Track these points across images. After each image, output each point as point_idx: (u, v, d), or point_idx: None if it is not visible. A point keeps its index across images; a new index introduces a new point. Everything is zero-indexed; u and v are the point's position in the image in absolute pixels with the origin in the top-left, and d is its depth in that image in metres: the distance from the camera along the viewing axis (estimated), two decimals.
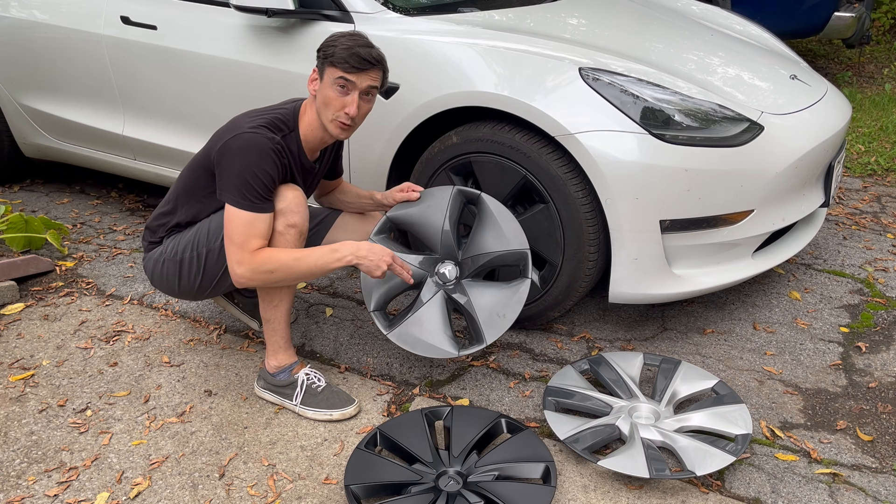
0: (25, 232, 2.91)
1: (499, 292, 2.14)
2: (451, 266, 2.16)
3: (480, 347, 2.09)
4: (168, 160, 3.06)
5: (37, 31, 3.18)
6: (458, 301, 2.14)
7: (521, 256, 2.15)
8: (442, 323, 2.11)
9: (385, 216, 2.22)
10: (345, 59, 1.88)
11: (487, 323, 2.10)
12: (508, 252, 2.15)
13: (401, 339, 2.09)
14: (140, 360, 2.35)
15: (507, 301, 2.11)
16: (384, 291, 2.16)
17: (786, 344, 2.44)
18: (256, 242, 1.89)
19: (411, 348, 2.08)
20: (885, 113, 5.05)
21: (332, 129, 1.96)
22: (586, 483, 1.84)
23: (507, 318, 2.10)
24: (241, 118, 1.97)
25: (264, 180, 1.88)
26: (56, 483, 1.84)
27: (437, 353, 2.07)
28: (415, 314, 2.12)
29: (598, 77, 2.18)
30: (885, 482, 1.84)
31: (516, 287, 2.13)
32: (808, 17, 5.47)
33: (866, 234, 3.28)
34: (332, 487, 1.83)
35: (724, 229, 2.26)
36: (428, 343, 2.09)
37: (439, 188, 2.21)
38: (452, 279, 2.15)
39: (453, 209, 2.19)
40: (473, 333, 2.13)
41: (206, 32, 2.76)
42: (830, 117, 2.55)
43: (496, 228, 2.17)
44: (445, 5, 2.71)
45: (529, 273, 2.13)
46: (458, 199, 2.20)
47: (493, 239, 2.17)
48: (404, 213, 2.22)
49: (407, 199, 2.21)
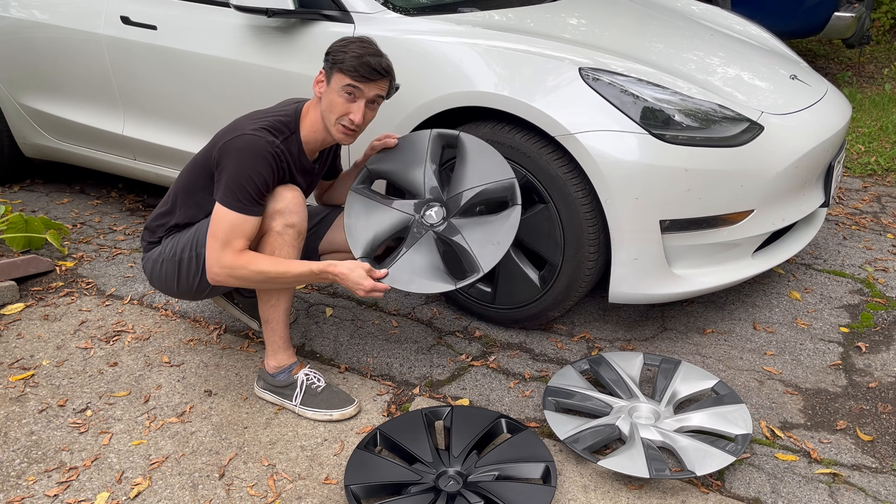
0: (25, 232, 2.91)
1: (490, 223, 2.07)
2: (438, 207, 2.10)
3: (478, 276, 2.02)
4: (168, 160, 3.06)
5: (37, 31, 3.18)
6: (449, 239, 2.07)
7: (507, 187, 2.09)
8: (433, 260, 2.04)
9: (365, 167, 2.17)
10: (355, 67, 1.87)
11: (481, 252, 2.03)
12: (493, 183, 2.09)
13: (393, 279, 2.00)
14: (140, 360, 2.35)
15: (498, 229, 2.05)
16: (371, 238, 2.08)
17: (786, 344, 2.44)
18: (240, 243, 1.89)
19: (405, 287, 1.99)
20: (885, 113, 5.05)
21: (335, 133, 1.96)
22: (586, 483, 1.84)
23: (502, 245, 2.03)
24: (244, 119, 1.97)
25: (258, 183, 1.88)
26: (56, 483, 1.84)
27: (433, 289, 2.00)
28: (405, 254, 2.05)
29: (598, 77, 2.18)
30: (885, 482, 1.84)
31: (507, 214, 2.07)
32: (808, 17, 5.46)
33: (866, 234, 3.28)
34: (332, 487, 1.83)
35: (724, 229, 2.26)
36: (422, 280, 2.01)
37: (417, 133, 2.17)
38: (440, 220, 2.09)
39: (434, 153, 2.15)
40: (468, 266, 2.05)
41: (207, 32, 2.76)
42: (830, 117, 2.55)
43: (478, 163, 2.11)
44: (445, 5, 2.71)
45: (518, 200, 2.07)
46: (437, 142, 2.15)
47: (476, 174, 2.11)
48: (385, 164, 2.17)
49: (385, 146, 2.16)
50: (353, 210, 2.11)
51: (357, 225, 2.09)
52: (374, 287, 1.89)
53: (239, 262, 1.89)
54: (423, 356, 2.38)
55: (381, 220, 2.10)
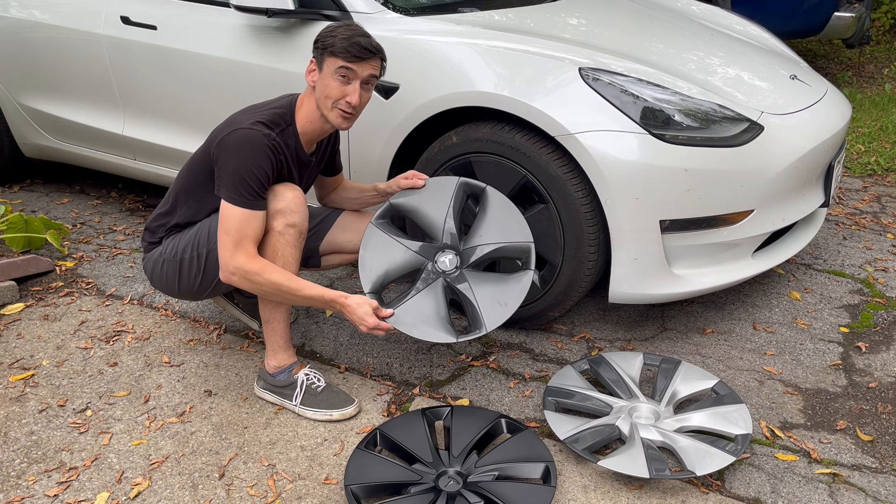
0: (25, 232, 2.91)
1: (500, 282, 2.10)
2: (452, 255, 2.13)
3: (480, 334, 2.04)
4: (168, 160, 3.06)
5: (37, 31, 3.18)
6: (458, 288, 2.10)
7: (524, 249, 2.12)
8: (440, 308, 2.07)
9: (388, 202, 2.20)
10: (346, 48, 1.88)
11: (488, 310, 2.06)
12: (512, 244, 2.12)
13: (398, 321, 2.03)
14: (140, 360, 2.35)
15: (508, 290, 2.08)
16: (382, 274, 2.11)
17: (786, 344, 2.44)
18: (250, 245, 1.90)
19: (408, 331, 2.02)
20: (885, 113, 5.05)
21: (333, 118, 1.96)
22: (586, 483, 1.84)
23: (509, 307, 2.05)
24: (239, 115, 1.97)
25: (259, 177, 1.88)
26: (56, 483, 1.84)
27: (435, 338, 2.02)
28: (413, 298, 2.07)
29: (598, 77, 2.18)
30: (885, 482, 1.84)
31: (519, 278, 2.10)
32: (808, 17, 5.46)
33: (866, 234, 3.28)
34: (332, 487, 1.83)
35: (724, 229, 2.26)
36: (426, 327, 2.04)
37: (444, 178, 2.20)
38: (452, 268, 2.11)
39: (457, 200, 2.17)
40: (472, 321, 2.08)
41: (206, 32, 2.76)
42: (830, 117, 2.55)
43: (500, 220, 2.14)
44: (445, 5, 2.71)
45: (532, 265, 2.10)
46: (462, 190, 2.18)
47: (496, 230, 2.14)
48: (408, 201, 2.19)
49: (412, 185, 2.19)
50: (369, 243, 2.13)
51: (371, 259, 2.12)
52: (377, 325, 1.91)
53: (253, 267, 1.89)
54: (423, 356, 2.38)
55: (396, 258, 2.12)
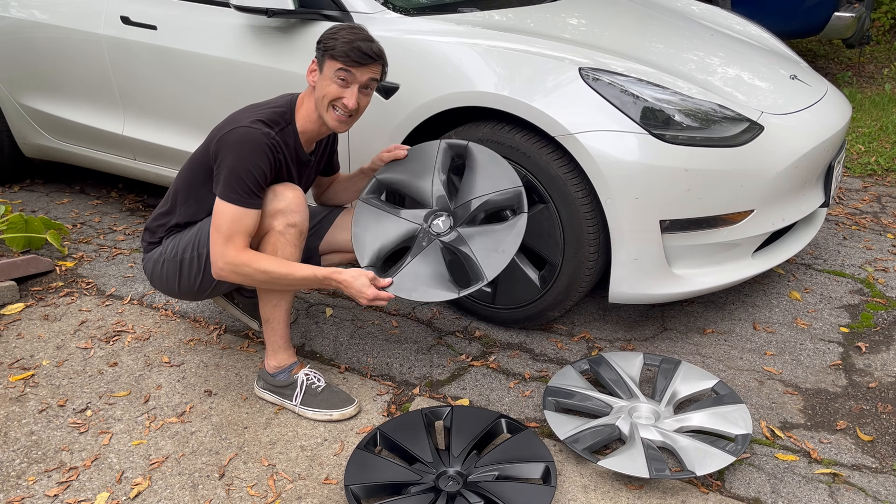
0: (25, 232, 2.91)
1: (495, 231, 2.08)
2: (445, 217, 2.11)
3: (481, 284, 2.02)
4: (168, 160, 3.06)
5: (37, 31, 3.18)
6: (455, 247, 2.08)
7: (514, 195, 2.10)
8: (438, 269, 2.05)
9: (374, 178, 2.19)
10: (346, 52, 1.88)
11: (485, 260, 2.04)
12: (500, 192, 2.10)
13: (398, 288, 2.01)
14: (140, 360, 2.35)
15: (504, 237, 2.06)
16: (377, 248, 2.10)
17: (786, 344, 2.44)
18: (241, 239, 1.90)
19: (408, 295, 2.00)
20: (885, 113, 5.05)
21: (330, 121, 1.97)
22: (586, 483, 1.84)
23: (507, 253, 2.03)
24: (239, 113, 1.97)
25: (256, 175, 1.88)
26: (56, 483, 1.84)
27: (436, 297, 2.00)
28: (410, 264, 2.06)
29: (598, 77, 2.18)
30: (885, 482, 1.84)
31: (513, 223, 2.07)
32: (808, 17, 5.46)
33: (866, 234, 3.28)
34: (332, 487, 1.83)
35: (724, 229, 2.26)
36: (426, 288, 2.02)
37: (427, 143, 2.18)
38: (446, 229, 2.10)
39: (443, 163, 2.16)
40: (472, 274, 2.06)
41: (206, 32, 2.76)
42: (830, 117, 2.55)
43: (486, 172, 2.12)
44: (445, 5, 2.71)
45: (525, 208, 2.08)
46: (446, 152, 2.17)
47: (483, 183, 2.12)
48: (394, 174, 2.18)
49: (394, 157, 2.17)
50: (360, 219, 2.12)
51: (364, 234, 2.11)
52: (377, 296, 1.88)
53: (242, 259, 1.89)
54: (423, 356, 2.38)
55: (389, 229, 2.11)
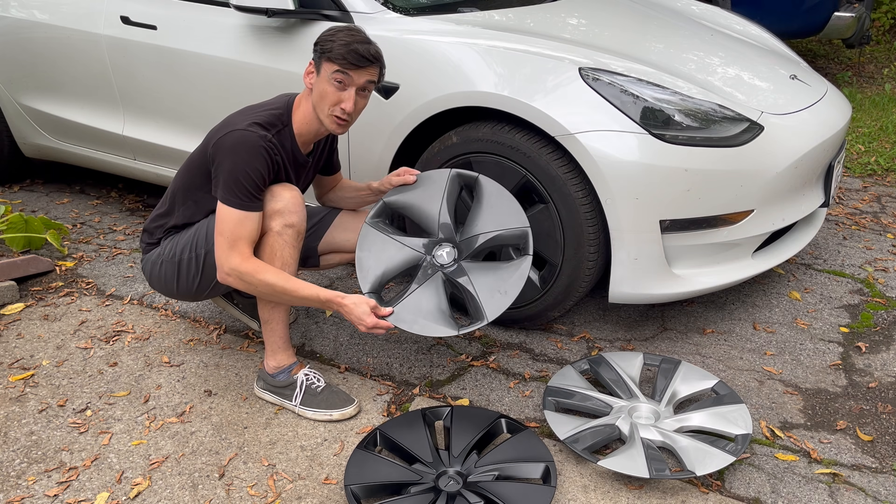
0: (25, 232, 2.91)
1: (499, 270, 2.08)
2: (449, 248, 2.11)
3: (481, 324, 2.02)
4: (168, 160, 3.06)
5: (37, 31, 3.18)
6: (457, 281, 2.08)
7: (521, 235, 2.09)
8: (440, 302, 2.05)
9: (382, 201, 2.19)
10: (343, 55, 1.87)
11: (488, 300, 2.03)
12: (508, 231, 2.10)
13: (398, 319, 2.01)
14: (140, 360, 2.35)
15: (507, 278, 2.05)
16: (380, 273, 2.10)
17: (786, 344, 2.44)
18: (246, 246, 1.90)
19: (408, 327, 2.00)
20: (885, 113, 5.05)
21: (327, 123, 1.96)
22: (586, 483, 1.84)
23: (509, 295, 2.03)
24: (235, 116, 1.97)
25: (255, 178, 1.88)
26: (56, 483, 1.84)
27: (436, 332, 2.00)
28: (412, 294, 2.06)
29: (598, 77, 2.18)
30: (885, 482, 1.84)
31: (517, 264, 2.07)
32: (808, 17, 5.46)
33: (866, 234, 3.28)
34: (332, 487, 1.83)
35: (724, 229, 2.26)
36: (426, 322, 2.01)
37: (436, 171, 2.18)
38: (450, 261, 2.09)
39: (451, 192, 2.15)
40: (473, 312, 2.05)
41: (206, 32, 2.76)
42: (830, 117, 2.55)
43: (494, 208, 2.12)
44: (445, 5, 2.71)
45: (530, 250, 2.08)
46: (455, 182, 2.17)
47: (491, 219, 2.12)
48: (401, 198, 2.18)
49: (404, 182, 2.16)
50: (365, 243, 2.12)
51: (368, 259, 2.10)
52: (376, 324, 1.89)
53: (247, 267, 1.89)
54: (423, 356, 2.38)
55: (393, 256, 2.10)
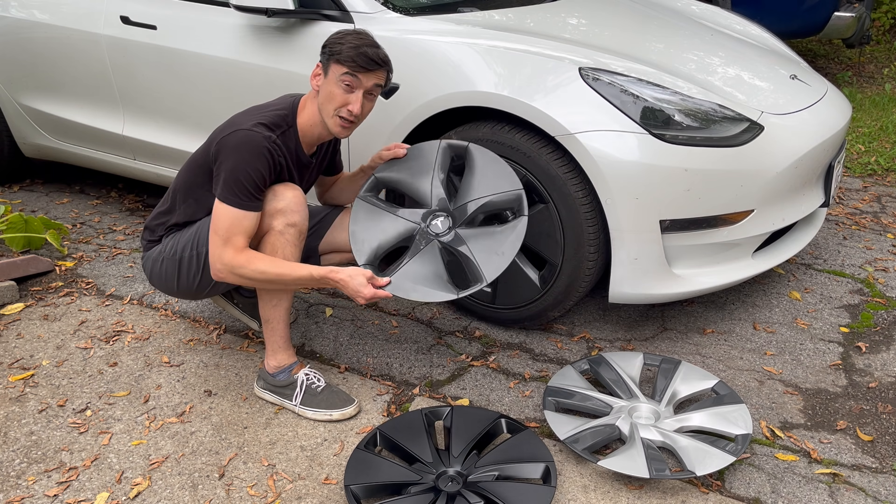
0: (25, 232, 2.91)
1: (495, 233, 2.06)
2: (444, 217, 2.10)
3: (481, 285, 2.00)
4: (168, 160, 3.06)
5: (37, 31, 3.18)
6: (454, 248, 2.06)
7: (515, 198, 2.08)
8: (437, 269, 2.03)
9: (373, 175, 2.18)
10: (352, 57, 1.88)
11: (485, 262, 2.02)
12: (501, 195, 2.08)
13: (396, 287, 1.99)
14: (140, 360, 2.35)
15: (504, 239, 2.04)
16: (375, 246, 2.08)
17: (786, 344, 2.44)
18: (240, 240, 1.89)
19: (407, 295, 1.98)
20: (885, 113, 5.05)
21: (333, 126, 1.96)
22: (586, 483, 1.84)
23: (507, 255, 2.01)
24: (240, 115, 1.97)
25: (255, 178, 1.88)
26: (56, 483, 1.84)
27: (435, 297, 1.99)
28: (408, 263, 2.04)
29: (598, 77, 2.18)
30: (885, 482, 1.84)
31: (513, 225, 2.05)
32: (808, 17, 5.47)
33: (866, 234, 3.28)
34: (332, 487, 1.83)
35: (724, 229, 2.26)
36: (426, 288, 2.00)
37: (427, 143, 2.17)
38: (445, 230, 2.08)
39: (442, 163, 2.15)
40: (472, 276, 2.04)
41: (206, 32, 2.76)
42: (830, 117, 2.55)
43: (486, 175, 2.11)
44: (445, 5, 2.71)
45: (525, 211, 2.06)
46: (446, 152, 2.16)
47: (484, 185, 2.10)
48: (393, 172, 2.17)
49: (394, 156, 2.16)
50: (358, 217, 2.12)
51: (362, 232, 2.09)
52: (374, 295, 1.87)
53: (239, 260, 1.89)
54: (423, 356, 2.38)
55: (387, 228, 2.10)
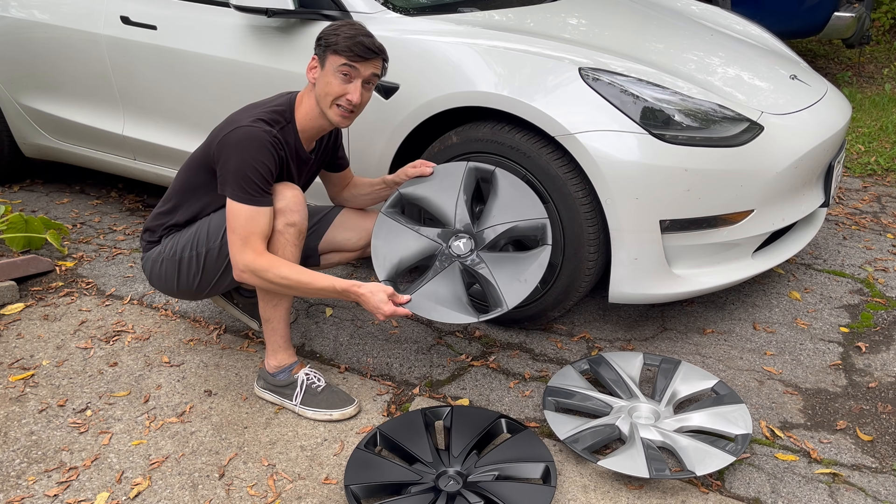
0: (25, 232, 2.91)
1: (517, 260, 2.07)
2: (466, 239, 2.10)
3: (502, 311, 2.00)
4: (168, 160, 3.06)
5: (37, 31, 3.18)
6: (475, 270, 2.06)
7: (539, 226, 2.09)
8: (458, 290, 2.03)
9: (398, 192, 2.19)
10: (349, 47, 1.88)
11: (507, 288, 2.01)
12: (525, 222, 2.09)
13: (416, 306, 1.98)
14: (140, 360, 2.35)
15: (526, 266, 2.04)
16: (396, 262, 2.08)
17: (786, 344, 2.44)
18: (258, 240, 1.89)
19: (426, 314, 1.98)
20: (885, 113, 5.05)
21: (332, 116, 1.97)
22: (586, 483, 1.84)
23: (529, 283, 2.01)
24: (239, 113, 1.98)
25: (263, 173, 1.88)
26: (56, 483, 1.84)
27: (455, 319, 1.98)
28: (430, 282, 2.04)
29: (598, 77, 2.18)
30: (885, 482, 1.84)
31: (536, 253, 2.06)
32: (808, 17, 5.47)
33: (866, 234, 3.28)
34: (332, 487, 1.83)
35: (724, 229, 2.26)
36: (445, 309, 1.99)
37: (453, 164, 2.18)
38: (467, 251, 2.08)
39: (467, 185, 2.16)
40: (492, 300, 2.03)
41: (206, 32, 2.76)
42: (830, 117, 2.55)
43: (512, 200, 2.12)
44: (445, 5, 2.71)
45: (549, 240, 2.07)
46: (471, 174, 2.17)
47: (508, 210, 2.11)
48: (418, 189, 2.17)
49: (420, 174, 2.17)
50: (381, 232, 2.12)
51: (384, 247, 2.10)
52: (394, 312, 1.87)
53: (261, 263, 1.88)
54: (423, 356, 2.38)
55: (409, 245, 2.10)
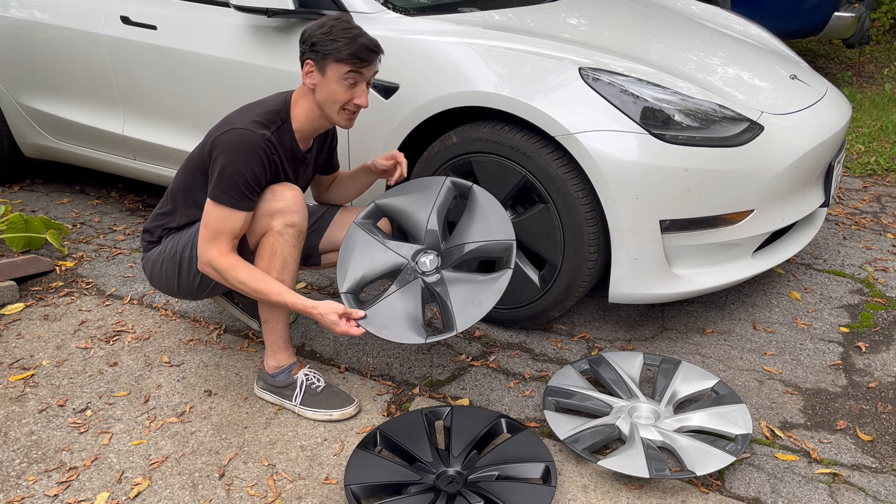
0: (25, 232, 2.91)
1: (477, 282, 2.04)
2: (433, 256, 2.08)
3: (450, 335, 1.98)
4: (168, 160, 3.06)
5: (37, 31, 3.18)
6: (435, 290, 2.05)
7: (505, 248, 2.06)
8: (414, 309, 2.01)
9: (374, 203, 2.17)
10: (353, 54, 1.87)
11: (460, 310, 1.99)
12: (492, 242, 2.07)
13: (369, 322, 1.97)
14: (140, 360, 2.35)
15: (484, 290, 2.02)
16: (360, 276, 2.07)
17: (786, 344, 2.44)
18: (226, 240, 1.90)
19: (377, 332, 1.96)
20: (885, 113, 5.05)
21: (340, 120, 1.97)
22: (586, 483, 1.84)
23: (483, 307, 1.99)
24: (235, 114, 1.97)
25: (249, 178, 1.88)
26: (56, 483, 1.84)
27: (404, 339, 1.96)
28: (388, 298, 2.02)
29: (598, 77, 2.18)
30: (885, 482, 1.84)
31: (496, 277, 2.03)
32: (808, 17, 5.47)
33: (866, 234, 3.28)
34: (332, 487, 1.83)
35: (724, 229, 2.26)
36: (396, 328, 1.98)
37: (432, 178, 2.17)
38: (432, 269, 2.07)
39: (443, 201, 2.14)
40: (445, 321, 2.02)
41: (206, 32, 2.76)
42: (830, 117, 2.55)
43: (483, 219, 2.10)
44: (445, 5, 2.71)
45: (512, 264, 2.04)
46: (449, 191, 2.15)
47: (478, 229, 2.09)
48: (393, 201, 2.16)
49: (389, 166, 2.16)
50: (350, 243, 2.11)
51: (350, 259, 2.09)
52: (345, 331, 1.88)
53: (222, 262, 1.90)
54: (423, 356, 2.38)
55: (375, 259, 2.08)
